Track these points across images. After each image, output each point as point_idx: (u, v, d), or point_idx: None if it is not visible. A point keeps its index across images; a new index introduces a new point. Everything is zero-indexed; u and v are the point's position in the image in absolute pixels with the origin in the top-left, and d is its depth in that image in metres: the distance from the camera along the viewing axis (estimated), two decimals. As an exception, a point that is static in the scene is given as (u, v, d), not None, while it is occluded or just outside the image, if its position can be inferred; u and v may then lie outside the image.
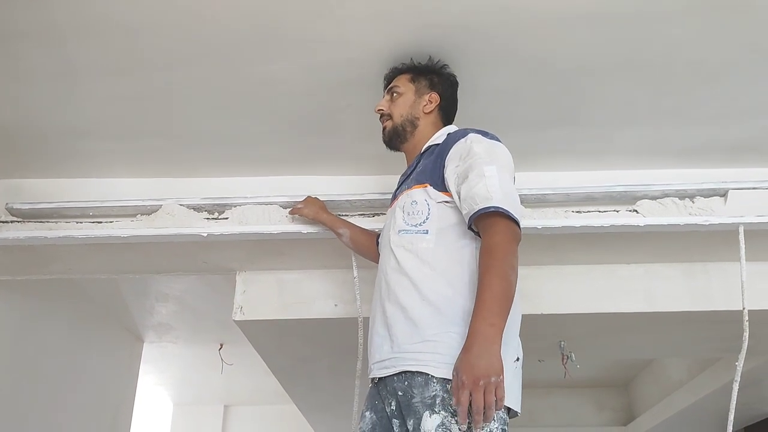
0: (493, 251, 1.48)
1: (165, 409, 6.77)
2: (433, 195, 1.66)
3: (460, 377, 1.35)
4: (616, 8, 1.79)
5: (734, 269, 2.31)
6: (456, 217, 1.63)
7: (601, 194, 2.40)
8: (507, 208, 1.52)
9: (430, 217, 1.64)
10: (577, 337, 3.10)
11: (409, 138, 1.89)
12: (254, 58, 2.00)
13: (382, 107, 1.93)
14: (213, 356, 4.69)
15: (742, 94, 2.15)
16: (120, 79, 2.09)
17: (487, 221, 1.53)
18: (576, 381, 6.01)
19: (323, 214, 2.32)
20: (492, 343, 1.37)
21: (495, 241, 1.50)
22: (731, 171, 2.51)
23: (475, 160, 1.61)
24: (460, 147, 1.68)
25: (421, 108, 1.90)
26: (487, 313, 1.40)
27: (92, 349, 3.79)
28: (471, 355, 1.36)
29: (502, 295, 1.42)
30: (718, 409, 4.69)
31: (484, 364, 1.34)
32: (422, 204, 1.67)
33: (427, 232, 1.63)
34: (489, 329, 1.38)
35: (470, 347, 1.37)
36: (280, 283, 2.79)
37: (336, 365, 3.49)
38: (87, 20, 1.84)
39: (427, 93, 1.91)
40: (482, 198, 1.53)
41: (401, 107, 1.90)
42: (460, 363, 1.37)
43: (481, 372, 1.34)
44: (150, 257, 2.66)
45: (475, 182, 1.56)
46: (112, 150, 2.48)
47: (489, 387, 1.34)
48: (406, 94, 1.91)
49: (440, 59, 1.96)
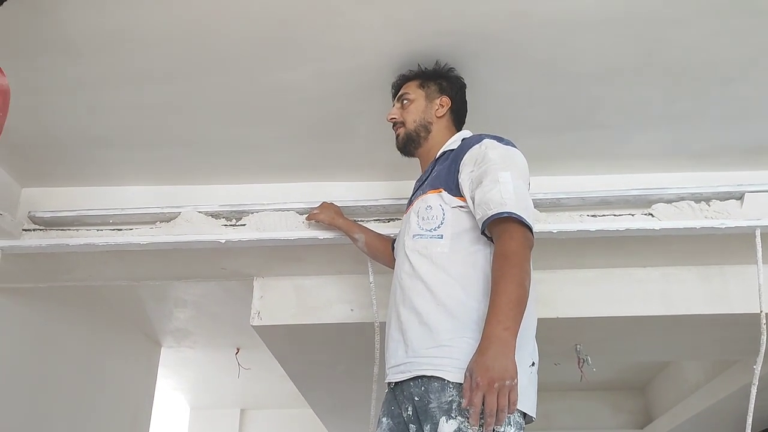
0: (508, 257, 1.49)
1: (182, 413, 6.81)
2: (448, 200, 1.68)
3: (475, 379, 1.36)
4: (629, 12, 1.80)
5: (751, 272, 2.30)
6: (470, 222, 1.64)
7: (616, 198, 2.40)
8: (521, 214, 1.53)
9: (444, 221, 1.66)
10: (593, 340, 3.10)
11: (423, 143, 1.90)
12: (268, 67, 2.03)
13: (394, 115, 1.94)
14: (230, 361, 4.72)
15: (757, 96, 2.15)
16: (138, 90, 2.12)
17: (501, 226, 1.55)
18: (592, 384, 5.98)
19: (339, 219, 2.34)
20: (507, 346, 1.38)
21: (509, 247, 1.51)
22: (747, 174, 2.51)
23: (490, 166, 1.62)
24: (474, 152, 1.69)
25: (433, 112, 1.91)
26: (503, 317, 1.41)
27: (112, 354, 3.84)
28: (486, 358, 1.37)
29: (517, 301, 1.44)
30: (736, 411, 4.65)
31: (499, 366, 1.36)
32: (437, 209, 1.68)
33: (441, 237, 1.64)
34: (504, 333, 1.39)
35: (485, 350, 1.38)
36: (297, 289, 2.81)
37: (352, 369, 3.50)
38: (104, 34, 1.88)
39: (438, 97, 1.92)
40: (496, 203, 1.54)
41: (413, 113, 1.91)
42: (474, 364, 1.39)
43: (496, 374, 1.35)
44: (169, 264, 2.69)
45: (489, 187, 1.58)
46: (131, 158, 2.52)
47: (503, 390, 1.35)
48: (417, 100, 1.92)
49: (449, 63, 1.97)
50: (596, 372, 3.43)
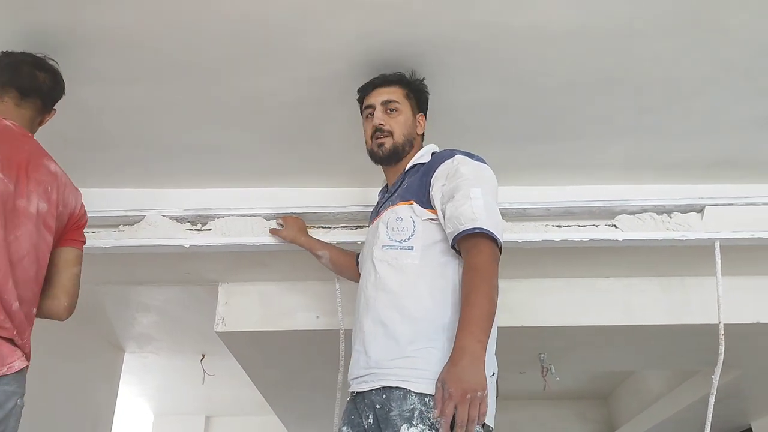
0: (479, 271, 1.52)
1: (146, 419, 6.70)
2: (419, 212, 1.69)
3: (447, 389, 1.38)
4: (595, 26, 1.83)
5: (711, 284, 2.34)
6: (440, 235, 1.66)
7: (581, 209, 2.43)
8: (491, 230, 1.56)
9: (415, 233, 1.67)
10: (557, 349, 3.13)
11: (404, 157, 1.88)
12: (238, 71, 2.01)
13: (382, 122, 1.86)
14: (194, 367, 4.67)
15: (719, 111, 2.20)
16: (103, 91, 2.09)
17: (471, 241, 1.57)
18: (557, 393, 6.03)
19: (301, 236, 2.33)
20: (479, 358, 1.41)
21: (480, 261, 1.54)
22: (708, 187, 2.56)
23: (462, 181, 1.64)
24: (447, 167, 1.71)
25: (416, 129, 1.91)
26: (475, 329, 1.44)
27: (71, 359, 3.76)
28: (459, 369, 1.39)
29: (488, 314, 1.47)
30: (696, 420, 4.71)
31: (471, 378, 1.38)
32: (407, 220, 1.69)
33: (412, 249, 1.65)
34: (476, 345, 1.42)
35: (458, 361, 1.40)
36: (263, 295, 2.79)
37: (318, 377, 3.49)
38: (70, 34, 1.84)
39: (418, 113, 1.93)
40: (467, 218, 1.57)
41: (402, 126, 1.87)
42: (447, 375, 1.40)
43: (468, 386, 1.37)
44: (132, 268, 2.65)
45: (461, 203, 1.60)
46: (94, 160, 2.47)
47: (474, 401, 1.37)
48: (405, 112, 1.89)
49: (419, 72, 1.97)
50: (560, 381, 3.47)
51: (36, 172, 1.70)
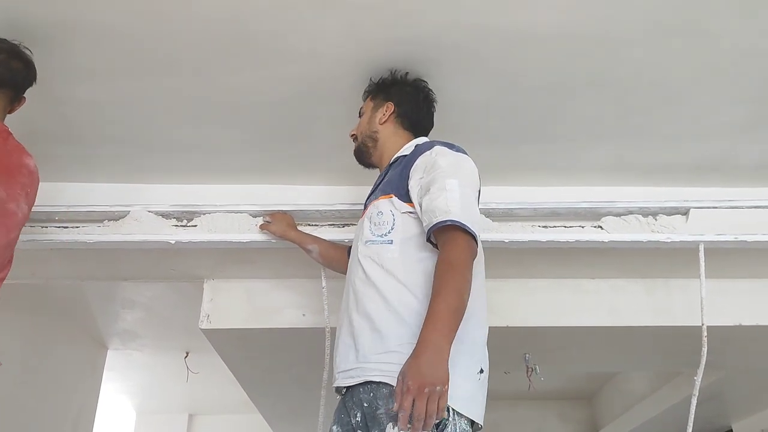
0: (450, 265, 1.49)
1: (128, 417, 6.66)
2: (398, 205, 1.68)
3: (406, 382, 1.35)
4: (582, 30, 1.84)
5: (694, 286, 2.36)
6: (419, 228, 1.64)
7: (567, 210, 2.44)
8: (465, 223, 1.53)
9: (395, 227, 1.66)
10: (542, 350, 3.14)
11: (373, 152, 1.93)
12: (226, 68, 2.00)
13: (352, 131, 2.00)
14: (178, 364, 4.64)
15: (703, 115, 2.22)
16: (89, 85, 2.07)
17: (445, 235, 1.55)
18: (541, 393, 6.05)
19: (291, 231, 2.33)
20: (442, 353, 1.38)
21: (452, 255, 1.51)
22: (693, 190, 2.57)
23: (438, 173, 1.63)
24: (425, 159, 1.70)
25: (376, 121, 1.93)
26: (440, 324, 1.41)
27: (53, 355, 3.73)
28: (420, 362, 1.36)
29: (456, 309, 1.44)
30: (678, 422, 4.75)
31: (431, 372, 1.35)
32: (387, 214, 1.69)
33: (391, 243, 1.64)
34: (440, 339, 1.39)
35: (420, 354, 1.37)
36: (248, 292, 2.78)
37: (303, 375, 3.48)
38: (53, 27, 1.82)
39: (383, 105, 1.94)
40: (441, 211, 1.55)
41: (362, 126, 1.97)
42: (408, 368, 1.37)
43: (427, 380, 1.34)
44: (116, 263, 2.63)
45: (436, 195, 1.58)
46: (79, 154, 2.45)
47: (433, 395, 1.34)
48: (366, 112, 1.98)
49: (403, 70, 1.97)
50: (544, 381, 3.48)
51: (20, 175, 1.70)
